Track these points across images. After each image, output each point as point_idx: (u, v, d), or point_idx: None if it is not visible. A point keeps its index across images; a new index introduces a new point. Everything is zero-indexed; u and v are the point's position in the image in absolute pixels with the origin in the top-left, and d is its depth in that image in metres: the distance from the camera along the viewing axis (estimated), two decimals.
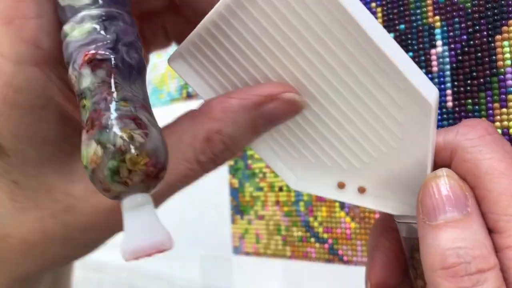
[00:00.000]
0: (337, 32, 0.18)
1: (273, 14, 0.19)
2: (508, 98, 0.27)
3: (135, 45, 0.17)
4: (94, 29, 0.16)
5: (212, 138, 0.19)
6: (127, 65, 0.16)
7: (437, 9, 0.30)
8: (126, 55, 0.16)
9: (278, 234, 0.39)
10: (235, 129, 0.19)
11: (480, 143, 0.20)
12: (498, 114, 0.28)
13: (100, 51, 0.16)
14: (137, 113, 0.15)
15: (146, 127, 0.15)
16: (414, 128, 0.20)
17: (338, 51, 0.19)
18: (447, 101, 0.30)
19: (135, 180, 0.15)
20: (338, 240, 0.35)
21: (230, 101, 0.20)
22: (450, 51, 0.30)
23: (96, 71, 0.16)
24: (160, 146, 0.15)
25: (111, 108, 0.15)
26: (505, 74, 0.27)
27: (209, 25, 0.20)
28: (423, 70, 0.31)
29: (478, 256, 0.18)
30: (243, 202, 0.41)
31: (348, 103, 0.20)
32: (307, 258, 0.37)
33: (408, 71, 0.18)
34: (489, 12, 0.28)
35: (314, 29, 0.19)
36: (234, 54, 0.20)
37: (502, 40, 0.28)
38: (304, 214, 0.37)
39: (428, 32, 0.30)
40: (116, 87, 0.16)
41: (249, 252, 0.41)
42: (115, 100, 0.15)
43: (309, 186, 0.23)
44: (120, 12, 0.17)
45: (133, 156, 0.15)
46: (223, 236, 0.43)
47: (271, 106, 0.20)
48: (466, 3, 0.29)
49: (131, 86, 0.16)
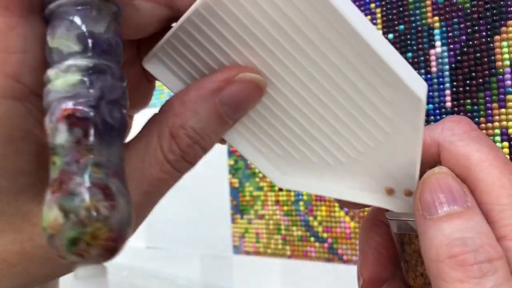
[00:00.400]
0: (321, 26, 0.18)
1: (253, 9, 0.18)
2: (507, 98, 0.28)
3: (120, 102, 0.16)
4: (78, 82, 0.15)
5: (176, 134, 0.19)
6: (107, 126, 0.15)
7: (436, 9, 0.30)
8: (108, 114, 0.15)
9: (278, 233, 0.39)
10: (198, 121, 0.19)
11: (466, 137, 0.20)
12: (497, 114, 0.28)
13: (81, 108, 0.15)
14: (108, 182, 0.14)
15: (114, 198, 0.14)
16: (403, 123, 0.20)
17: (322, 45, 0.18)
18: (446, 101, 0.30)
19: (92, 253, 0.14)
20: (337, 240, 0.35)
21: (188, 93, 0.19)
22: (449, 52, 0.30)
23: (73, 129, 0.15)
24: (126, 218, 0.15)
25: (82, 174, 0.14)
26: (504, 74, 0.28)
27: (186, 23, 0.19)
28: (423, 70, 0.31)
29: (486, 244, 0.18)
30: (243, 202, 0.41)
31: (332, 98, 0.20)
32: (307, 257, 0.37)
33: (397, 66, 0.18)
34: (488, 13, 0.28)
35: (296, 23, 0.18)
36: (211, 51, 0.20)
37: (501, 40, 0.28)
38: (304, 214, 0.37)
39: (427, 32, 0.30)
40: (91, 150, 0.15)
41: (249, 251, 0.41)
42: (87, 165, 0.14)
43: (293, 182, 0.23)
44: (109, 65, 0.16)
45: (95, 230, 0.14)
46: (223, 236, 0.43)
47: (230, 90, 0.19)
48: (465, 3, 0.29)
49: (108, 150, 0.15)
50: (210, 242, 0.45)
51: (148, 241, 0.51)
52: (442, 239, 0.18)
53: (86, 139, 0.15)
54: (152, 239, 0.51)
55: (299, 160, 0.22)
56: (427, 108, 0.31)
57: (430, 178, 0.20)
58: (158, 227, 0.50)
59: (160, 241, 0.50)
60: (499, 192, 0.19)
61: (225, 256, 0.43)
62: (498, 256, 0.18)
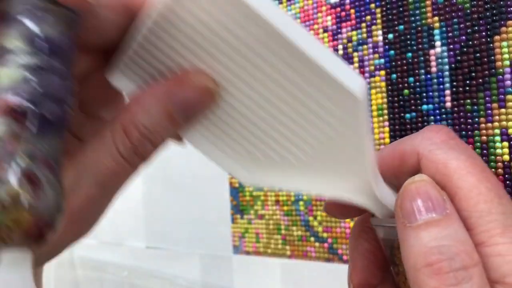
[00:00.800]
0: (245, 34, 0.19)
1: (199, 22, 0.19)
2: (507, 98, 0.28)
3: (63, 101, 0.17)
4: (20, 78, 0.16)
5: (128, 129, 0.20)
6: (45, 121, 0.16)
7: (436, 9, 0.30)
8: (48, 110, 0.16)
9: (278, 233, 0.39)
10: (149, 118, 0.20)
11: (445, 146, 0.21)
12: (496, 114, 0.28)
13: (19, 102, 0.16)
14: (36, 171, 0.15)
15: (39, 187, 0.15)
16: (347, 117, 0.20)
17: (256, 55, 0.19)
18: (446, 101, 0.30)
19: (14, 238, 0.15)
20: (337, 239, 0.35)
21: (142, 94, 0.21)
22: (449, 52, 0.30)
23: (10, 121, 0.15)
24: (52, 206, 0.15)
25: (11, 163, 0.15)
26: (504, 75, 0.28)
27: (140, 37, 0.21)
28: (422, 70, 0.31)
29: (461, 252, 0.18)
30: (243, 202, 0.41)
31: (276, 98, 0.21)
32: (307, 257, 0.37)
33: (327, 63, 0.18)
34: (488, 13, 0.28)
35: (235, 34, 0.19)
36: (167, 61, 0.21)
37: (501, 40, 0.28)
38: (303, 214, 0.37)
39: (427, 32, 0.30)
40: (25, 142, 0.15)
41: (249, 251, 0.41)
42: (18, 155, 0.15)
43: (260, 180, 0.23)
44: (56, 65, 0.17)
45: (17, 216, 0.15)
46: (223, 236, 0.43)
47: (180, 92, 0.20)
48: (465, 3, 0.29)
49: (43, 143, 0.16)
50: (210, 242, 0.45)
51: (148, 241, 0.51)
52: (420, 248, 0.19)
53: (22, 131, 0.15)
54: (152, 239, 0.51)
55: (262, 160, 0.23)
56: (427, 108, 0.31)
57: (410, 186, 0.20)
58: (158, 227, 0.50)
59: (160, 241, 0.50)
60: (477, 199, 0.19)
61: (225, 256, 0.43)
62: (473, 263, 0.18)
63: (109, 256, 0.56)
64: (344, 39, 0.34)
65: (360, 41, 0.34)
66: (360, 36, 0.34)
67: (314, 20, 0.36)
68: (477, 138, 0.29)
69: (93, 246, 0.58)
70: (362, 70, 0.34)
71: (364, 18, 0.33)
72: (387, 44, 0.32)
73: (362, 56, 0.34)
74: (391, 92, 0.32)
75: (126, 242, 0.54)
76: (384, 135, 0.32)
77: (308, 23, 0.36)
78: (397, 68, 0.32)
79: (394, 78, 0.32)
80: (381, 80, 0.33)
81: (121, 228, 0.54)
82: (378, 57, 0.33)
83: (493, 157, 0.28)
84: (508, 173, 0.28)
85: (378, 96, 0.33)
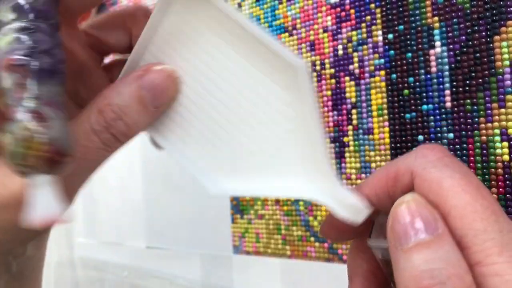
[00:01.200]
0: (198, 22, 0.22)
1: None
2: (507, 98, 0.28)
3: (50, 52, 0.20)
4: (14, 40, 0.20)
5: (103, 109, 0.22)
6: (41, 69, 0.19)
7: (436, 9, 0.30)
8: (41, 60, 0.19)
9: (278, 233, 0.39)
10: (121, 99, 0.23)
11: (439, 164, 0.20)
12: (496, 114, 0.28)
13: (17, 58, 0.19)
14: (42, 109, 0.19)
15: (46, 120, 0.19)
16: (301, 106, 0.21)
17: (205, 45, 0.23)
18: (446, 101, 0.30)
19: (34, 164, 0.19)
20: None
21: (116, 81, 0.24)
22: (449, 52, 0.30)
23: (13, 74, 0.19)
24: (61, 134, 0.19)
25: (20, 105, 0.19)
26: (504, 74, 0.28)
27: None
28: (422, 70, 0.31)
29: (453, 276, 0.18)
30: (243, 202, 0.41)
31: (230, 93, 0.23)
32: (307, 257, 0.37)
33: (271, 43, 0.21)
34: (488, 13, 0.28)
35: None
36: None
37: (501, 40, 0.28)
38: (303, 214, 0.37)
39: (427, 32, 0.30)
40: (28, 89, 0.19)
41: (249, 251, 0.41)
42: (25, 99, 0.19)
43: (227, 188, 0.24)
44: (40, 25, 0.20)
45: (32, 144, 0.18)
46: (223, 236, 0.43)
47: (148, 77, 0.23)
48: (465, 4, 0.29)
49: (43, 87, 0.19)
50: (210, 242, 0.45)
51: (148, 241, 0.51)
52: (411, 271, 0.18)
53: (24, 79, 0.19)
54: (152, 239, 0.51)
55: (226, 167, 0.24)
56: (427, 108, 0.31)
57: (400, 207, 0.20)
58: (158, 227, 0.50)
59: (160, 241, 0.50)
60: (472, 217, 0.19)
61: (225, 256, 0.43)
62: (465, 286, 0.18)
63: (109, 256, 0.56)
64: (344, 39, 0.34)
65: (360, 41, 0.34)
66: (360, 36, 0.34)
67: (314, 20, 0.36)
68: (477, 138, 0.29)
69: (93, 246, 0.58)
70: (362, 70, 0.34)
71: (364, 18, 0.33)
72: (387, 44, 0.32)
73: (362, 56, 0.34)
74: (391, 92, 0.32)
75: (126, 242, 0.54)
76: (384, 135, 0.33)
77: (308, 23, 0.36)
78: (397, 68, 0.32)
79: (394, 78, 0.32)
80: (381, 80, 0.33)
81: (121, 228, 0.54)
82: (378, 57, 0.33)
83: (493, 157, 0.28)
84: (508, 173, 0.28)
85: (378, 96, 0.33)
